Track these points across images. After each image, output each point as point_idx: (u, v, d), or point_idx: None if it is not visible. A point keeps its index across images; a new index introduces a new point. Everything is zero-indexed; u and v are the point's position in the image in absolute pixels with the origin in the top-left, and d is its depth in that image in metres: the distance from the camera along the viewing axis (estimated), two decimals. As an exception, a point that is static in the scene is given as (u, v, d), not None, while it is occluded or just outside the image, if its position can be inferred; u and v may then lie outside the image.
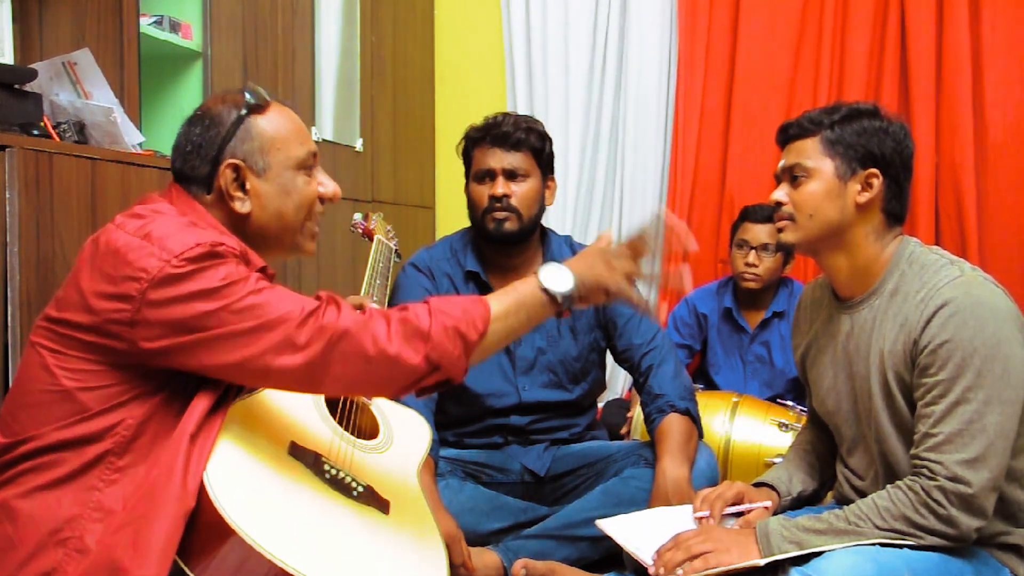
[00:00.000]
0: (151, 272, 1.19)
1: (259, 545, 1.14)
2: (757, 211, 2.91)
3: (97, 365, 1.23)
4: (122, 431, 1.22)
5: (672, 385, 2.07)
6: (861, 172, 1.56)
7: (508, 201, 2.08)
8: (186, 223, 1.28)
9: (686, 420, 2.03)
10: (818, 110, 1.61)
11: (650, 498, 1.93)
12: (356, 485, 1.36)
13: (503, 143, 2.09)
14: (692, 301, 3.09)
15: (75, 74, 1.89)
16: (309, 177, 1.42)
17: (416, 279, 2.16)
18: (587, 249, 1.47)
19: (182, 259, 1.20)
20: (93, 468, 1.21)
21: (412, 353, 1.24)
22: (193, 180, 1.36)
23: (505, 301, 1.35)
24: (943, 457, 1.43)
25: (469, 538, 1.93)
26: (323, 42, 2.84)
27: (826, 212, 1.57)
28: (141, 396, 1.23)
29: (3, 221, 1.54)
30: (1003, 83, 3.17)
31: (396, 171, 3.36)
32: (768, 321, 2.94)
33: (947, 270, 1.51)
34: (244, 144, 1.36)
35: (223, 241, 1.25)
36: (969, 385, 1.43)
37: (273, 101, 1.42)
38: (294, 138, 1.41)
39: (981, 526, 1.43)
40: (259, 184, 1.37)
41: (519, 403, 2.16)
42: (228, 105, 1.38)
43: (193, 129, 1.38)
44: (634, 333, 2.15)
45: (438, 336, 1.25)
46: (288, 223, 1.40)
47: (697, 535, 1.51)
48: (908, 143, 1.59)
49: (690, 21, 3.43)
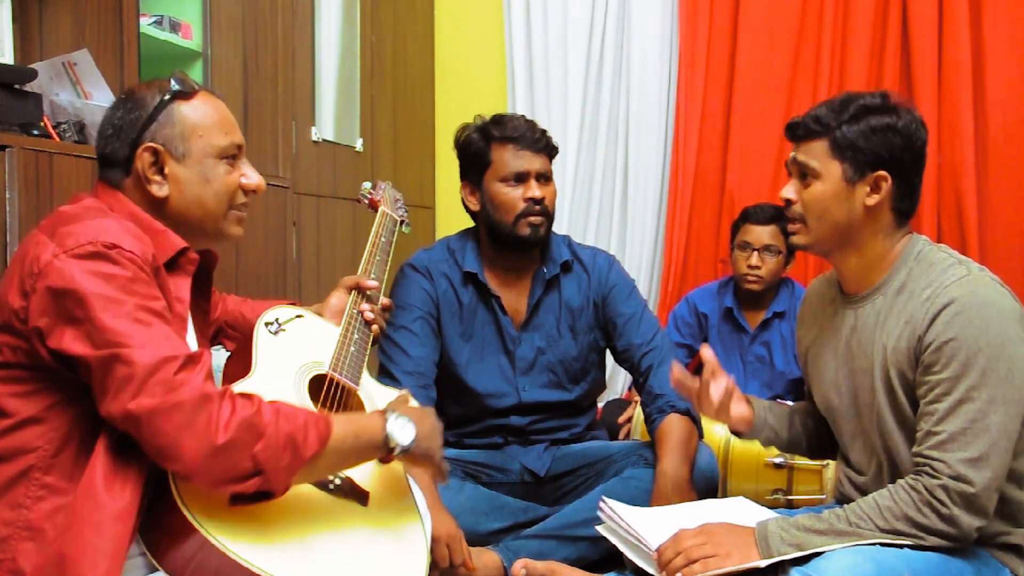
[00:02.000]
0: (41, 265, 1.19)
1: (221, 544, 1.15)
2: (759, 212, 2.89)
3: (14, 368, 1.22)
4: (44, 444, 1.21)
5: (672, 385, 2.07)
6: (870, 175, 1.54)
7: (544, 204, 2.07)
8: (98, 219, 1.26)
9: (686, 420, 2.02)
10: (826, 107, 1.57)
11: (651, 497, 1.93)
12: (333, 477, 1.35)
13: (533, 146, 2.08)
14: (692, 300, 3.08)
15: (75, 74, 1.89)
16: (232, 167, 1.41)
17: (415, 279, 2.15)
18: (429, 413, 1.48)
19: (72, 255, 1.19)
20: (18, 485, 1.20)
21: (241, 447, 1.16)
22: (113, 163, 1.36)
23: (346, 429, 1.28)
24: (946, 456, 1.42)
25: (469, 538, 1.93)
26: (323, 42, 2.84)
27: (834, 215, 1.56)
28: (60, 404, 1.22)
29: (3, 221, 1.54)
30: (1004, 83, 3.17)
31: (396, 171, 3.36)
32: (769, 321, 2.93)
33: (954, 269, 1.51)
34: (164, 128, 1.36)
35: (120, 244, 1.21)
36: (973, 384, 1.42)
37: (201, 90, 1.42)
38: (217, 127, 1.40)
39: (982, 525, 1.43)
40: (178, 169, 1.36)
41: (519, 403, 2.15)
42: (153, 90, 1.38)
43: (116, 112, 1.38)
44: (634, 333, 2.14)
45: (273, 440, 1.18)
46: (209, 210, 1.39)
47: (696, 536, 1.50)
48: (919, 135, 1.56)
49: (691, 21, 3.43)
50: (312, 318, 1.63)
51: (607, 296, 2.18)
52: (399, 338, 2.06)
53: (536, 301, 2.15)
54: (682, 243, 3.44)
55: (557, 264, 2.16)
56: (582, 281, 2.19)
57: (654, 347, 2.13)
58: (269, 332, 1.49)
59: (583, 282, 2.19)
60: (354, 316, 1.67)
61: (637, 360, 2.13)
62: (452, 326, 2.14)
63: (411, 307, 2.11)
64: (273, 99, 2.55)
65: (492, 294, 2.13)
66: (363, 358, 1.60)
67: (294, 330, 1.54)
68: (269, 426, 1.18)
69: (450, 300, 2.14)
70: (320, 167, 2.82)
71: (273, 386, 1.40)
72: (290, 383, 1.45)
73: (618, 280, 2.20)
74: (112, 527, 1.15)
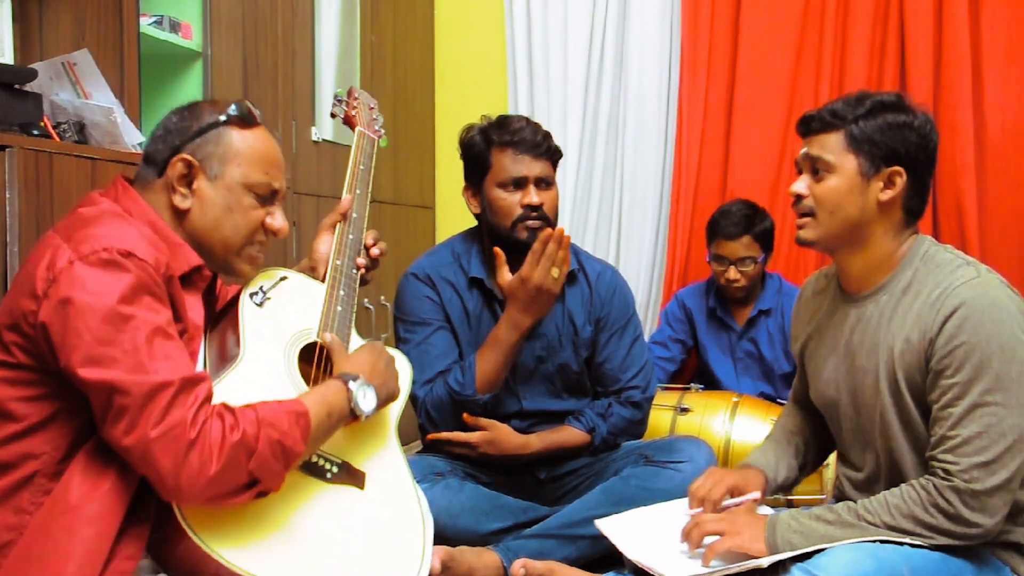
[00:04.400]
0: (55, 270, 1.18)
1: (212, 549, 1.16)
2: (728, 226, 2.86)
3: (23, 371, 1.22)
4: (51, 451, 1.21)
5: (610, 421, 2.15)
6: (885, 170, 1.53)
7: (542, 210, 2.04)
8: (115, 223, 1.26)
9: (584, 437, 2.12)
10: (841, 102, 1.57)
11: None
12: (330, 466, 1.36)
13: (533, 150, 2.05)
14: (681, 297, 3.12)
15: (75, 74, 1.89)
16: (259, 204, 1.41)
17: (418, 289, 2.13)
18: (376, 357, 1.50)
19: (86, 261, 1.18)
20: (23, 490, 1.20)
21: (234, 468, 1.18)
22: (151, 162, 1.38)
23: (319, 413, 1.30)
24: (960, 460, 1.42)
25: (469, 538, 1.93)
26: (323, 42, 2.84)
27: (847, 209, 1.55)
28: (67, 411, 1.22)
29: (3, 221, 1.54)
30: (1003, 83, 3.17)
31: (396, 171, 3.36)
32: (755, 319, 2.94)
33: (963, 270, 1.50)
34: (208, 146, 1.37)
35: (135, 252, 1.21)
36: (987, 388, 1.42)
37: (261, 125, 1.43)
38: (258, 162, 1.40)
39: (993, 525, 1.43)
40: (206, 188, 1.37)
41: (520, 410, 2.14)
42: (216, 108, 1.40)
43: (172, 117, 1.41)
44: (613, 368, 2.16)
45: (263, 451, 1.20)
46: (224, 237, 1.39)
47: (716, 516, 1.58)
48: (933, 136, 1.56)
49: (692, 21, 3.43)
50: (296, 278, 1.59)
51: (601, 320, 2.17)
52: (420, 355, 2.04)
53: None
54: (684, 243, 3.44)
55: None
56: (584, 296, 2.17)
57: (622, 388, 2.16)
58: (254, 304, 1.46)
59: (585, 297, 2.17)
60: (337, 269, 1.60)
61: (606, 389, 2.18)
62: (460, 333, 2.12)
63: (424, 322, 2.10)
64: (273, 99, 2.55)
65: (497, 299, 2.11)
66: (350, 316, 1.57)
67: (280, 296, 1.51)
68: (257, 440, 1.19)
69: (456, 307, 2.12)
70: (320, 167, 2.82)
71: (264, 368, 1.39)
72: (280, 358, 1.43)
73: (616, 307, 2.18)
74: (84, 530, 1.15)
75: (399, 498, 1.42)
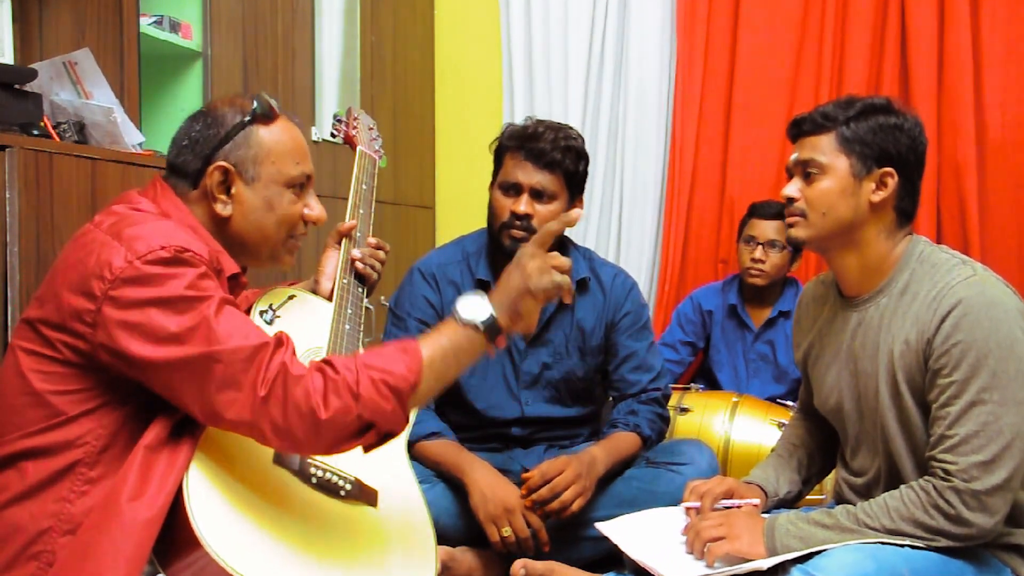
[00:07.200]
0: (115, 271, 1.18)
1: (228, 565, 1.15)
2: (766, 207, 2.91)
3: (66, 367, 1.22)
4: (92, 440, 1.21)
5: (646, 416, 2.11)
6: (876, 171, 1.54)
7: (529, 221, 2.00)
8: (161, 222, 1.27)
9: (637, 439, 2.06)
10: (832, 105, 1.58)
11: (565, 457, 1.91)
12: (343, 484, 1.36)
13: (537, 159, 2.00)
14: (697, 298, 3.09)
15: (75, 74, 1.89)
16: (297, 197, 1.43)
17: (420, 288, 2.12)
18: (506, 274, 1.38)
19: (145, 261, 1.19)
20: (63, 479, 1.20)
21: (343, 414, 1.20)
22: (182, 174, 1.37)
23: (433, 345, 1.29)
24: (959, 459, 1.42)
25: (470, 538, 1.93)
26: (323, 42, 2.84)
27: (839, 210, 1.55)
28: (110, 404, 1.22)
29: (3, 221, 1.54)
30: (1004, 83, 3.17)
31: (396, 171, 3.36)
32: (774, 320, 2.93)
33: (960, 269, 1.50)
34: (239, 150, 1.36)
35: (190, 247, 1.23)
36: (984, 386, 1.42)
37: (282, 114, 1.42)
38: (290, 155, 1.41)
39: (994, 525, 1.43)
40: (245, 192, 1.37)
41: (521, 417, 2.14)
42: (234, 109, 1.39)
43: (194, 125, 1.39)
44: (629, 371, 2.14)
45: (368, 393, 1.21)
46: (268, 236, 1.41)
47: (714, 519, 1.55)
48: (922, 139, 1.57)
49: (689, 20, 3.43)
50: (304, 296, 1.61)
51: (617, 323, 2.15)
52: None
53: (548, 317, 2.11)
54: (680, 243, 3.44)
55: (573, 281, 2.12)
56: (597, 302, 2.15)
57: (642, 390, 2.13)
58: (264, 322, 1.48)
59: (598, 303, 2.15)
60: (344, 287, 1.63)
61: (623, 394, 2.15)
62: None
63: (408, 316, 2.10)
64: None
65: None
66: (358, 332, 1.59)
67: (288, 315, 1.53)
68: (358, 384, 1.20)
69: None
70: (320, 167, 2.81)
71: None
72: None
73: (632, 308, 2.16)
74: (138, 533, 1.15)
75: (411, 519, 1.42)
